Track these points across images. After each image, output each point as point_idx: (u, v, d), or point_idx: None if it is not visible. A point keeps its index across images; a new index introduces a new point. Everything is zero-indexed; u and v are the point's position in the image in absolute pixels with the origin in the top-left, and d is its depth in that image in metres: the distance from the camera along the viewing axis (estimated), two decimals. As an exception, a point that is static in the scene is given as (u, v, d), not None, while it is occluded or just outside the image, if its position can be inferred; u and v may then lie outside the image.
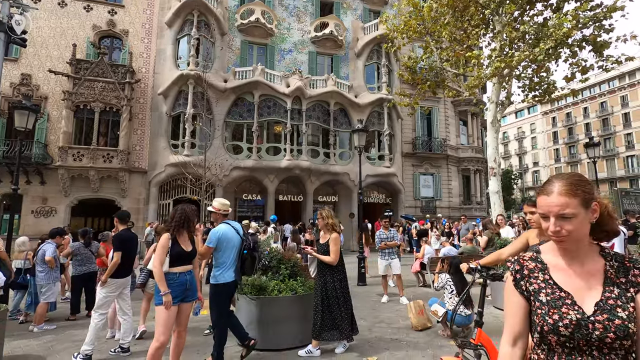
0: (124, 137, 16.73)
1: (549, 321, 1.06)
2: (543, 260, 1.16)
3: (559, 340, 1.05)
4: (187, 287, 3.28)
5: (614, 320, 1.01)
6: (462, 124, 24.78)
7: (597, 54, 8.61)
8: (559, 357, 1.06)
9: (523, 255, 1.20)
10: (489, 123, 9.69)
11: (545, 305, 1.08)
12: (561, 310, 1.05)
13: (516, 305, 1.14)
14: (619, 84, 45.49)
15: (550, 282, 1.11)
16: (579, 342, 1.03)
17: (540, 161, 54.82)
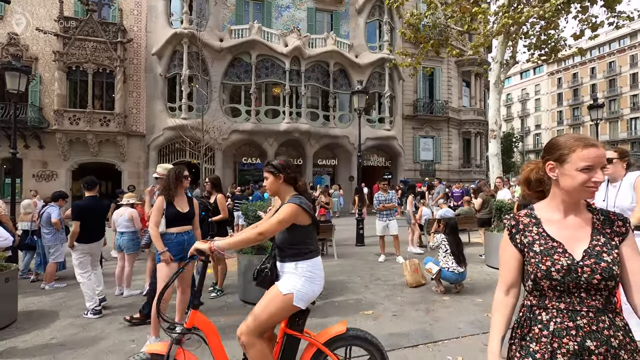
0: (119, 99, 16.43)
1: (542, 268, 1.17)
2: (536, 215, 1.27)
3: (551, 285, 1.16)
4: (185, 246, 3.36)
5: (600, 264, 1.13)
6: (465, 85, 24.21)
7: (609, 9, 8.22)
8: (549, 300, 1.18)
9: (519, 212, 1.31)
10: (492, 84, 9.45)
11: (538, 254, 1.19)
12: (553, 258, 1.17)
13: (511, 256, 1.26)
14: (630, 42, 43.80)
15: (544, 234, 1.23)
16: (568, 285, 1.14)
17: (542, 124, 54.15)
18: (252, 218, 5.11)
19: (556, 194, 1.26)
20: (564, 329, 1.14)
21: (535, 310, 1.20)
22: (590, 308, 1.14)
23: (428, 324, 3.75)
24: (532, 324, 1.19)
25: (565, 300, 1.16)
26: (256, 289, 4.61)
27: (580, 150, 1.17)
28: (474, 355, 3.06)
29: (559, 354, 1.12)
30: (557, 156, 1.22)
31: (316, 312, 4.20)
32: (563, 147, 1.20)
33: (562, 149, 1.20)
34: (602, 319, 1.13)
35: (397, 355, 3.10)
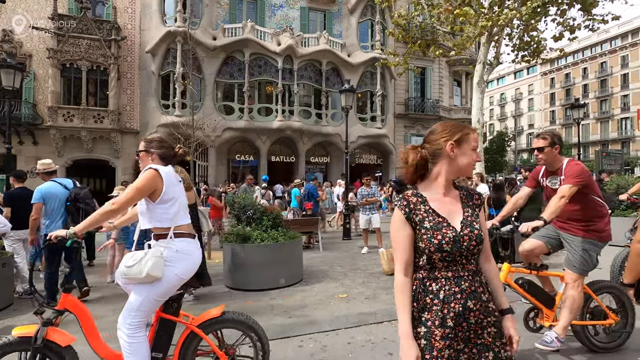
0: (113, 97, 16.60)
1: (434, 242, 1.28)
2: (422, 194, 1.38)
3: (442, 257, 1.28)
4: None
5: (474, 232, 1.32)
6: (456, 85, 24.58)
7: (586, 13, 8.56)
8: (439, 271, 1.30)
9: (407, 193, 1.40)
10: (475, 83, 9.78)
11: (429, 230, 1.30)
12: (442, 232, 1.29)
13: (406, 237, 1.32)
14: (622, 42, 44.44)
15: (430, 211, 1.34)
16: (455, 254, 1.29)
17: (535, 123, 54.74)
18: (238, 209, 5.39)
19: (441, 173, 1.38)
20: (451, 294, 1.26)
21: (426, 282, 1.30)
22: (469, 272, 1.31)
23: (394, 304, 4.06)
24: (425, 295, 1.29)
25: (452, 268, 1.30)
26: (241, 276, 4.92)
27: (472, 134, 1.40)
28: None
29: (448, 317, 1.25)
30: (458, 137, 1.36)
31: (294, 297, 4.51)
32: (460, 130, 1.38)
33: (461, 132, 1.37)
34: (477, 279, 1.33)
35: (363, 330, 3.42)
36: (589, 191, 2.64)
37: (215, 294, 4.66)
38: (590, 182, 2.65)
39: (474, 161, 1.39)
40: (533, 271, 2.72)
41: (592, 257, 2.64)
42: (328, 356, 2.90)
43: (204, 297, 4.48)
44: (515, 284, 2.60)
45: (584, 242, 2.64)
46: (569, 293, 2.61)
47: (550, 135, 2.72)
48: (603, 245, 2.69)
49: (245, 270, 4.82)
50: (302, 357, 2.89)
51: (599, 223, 2.66)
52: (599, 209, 2.68)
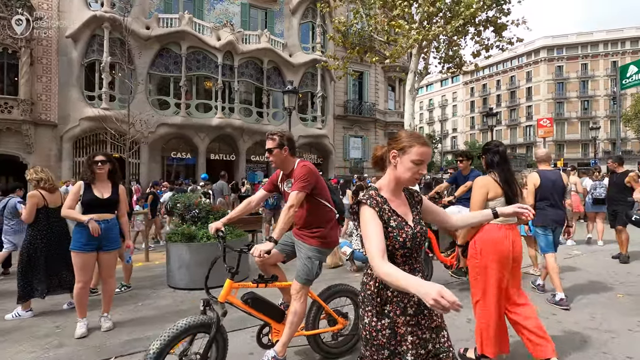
0: (25, 84, 14.72)
1: (399, 239, 1.39)
2: (382, 195, 1.46)
3: (403, 253, 1.41)
4: (102, 235, 3.28)
5: (423, 228, 1.49)
6: (391, 90, 26.22)
7: (497, 35, 9.88)
8: (398, 266, 1.35)
9: (371, 192, 1.46)
10: (407, 91, 10.66)
11: (395, 228, 1.40)
12: (404, 230, 1.41)
13: (379, 226, 1.36)
14: (526, 60, 51.16)
15: (392, 211, 1.44)
16: (411, 250, 1.43)
17: (458, 128, 60.47)
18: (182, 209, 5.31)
19: (392, 177, 1.47)
20: None
21: None
22: (419, 264, 1.48)
23: (338, 294, 4.42)
24: (386, 290, 1.39)
25: (408, 262, 1.44)
26: (186, 275, 4.87)
27: (419, 147, 1.39)
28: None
29: (409, 306, 1.39)
30: (400, 147, 1.42)
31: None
32: (406, 141, 1.41)
33: (405, 142, 1.41)
34: (422, 269, 1.51)
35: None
36: (317, 195, 2.52)
37: (159, 295, 4.57)
38: (319, 185, 2.53)
39: (413, 174, 1.40)
40: (260, 284, 2.47)
41: (315, 265, 2.49)
42: (279, 343, 3.11)
43: (145, 301, 4.38)
44: (239, 300, 2.42)
45: (309, 250, 2.50)
46: (292, 306, 2.48)
47: (279, 136, 2.53)
48: (327, 251, 2.62)
49: (191, 270, 4.79)
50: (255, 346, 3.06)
51: (325, 229, 2.54)
52: (327, 214, 2.58)
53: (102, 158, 3.38)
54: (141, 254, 6.77)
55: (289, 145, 2.56)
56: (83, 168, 3.46)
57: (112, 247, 3.46)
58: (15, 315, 3.79)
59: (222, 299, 2.29)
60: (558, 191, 4.03)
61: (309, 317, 2.66)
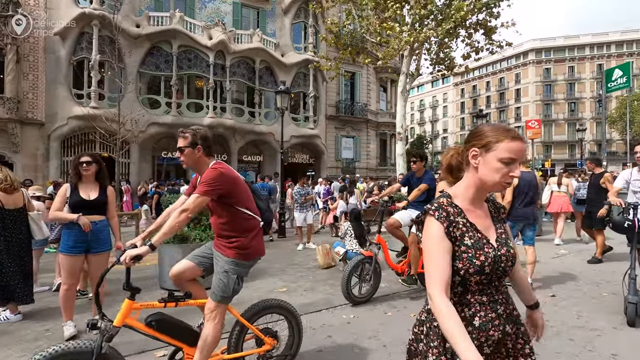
0: (10, 82, 14.42)
1: (476, 263, 1.09)
2: (457, 204, 1.17)
3: (480, 280, 1.11)
4: (90, 237, 3.26)
5: (510, 251, 1.17)
6: (382, 91, 26.37)
7: (487, 37, 10.04)
8: (472, 294, 1.12)
9: (441, 201, 1.17)
10: (399, 92, 10.77)
11: (471, 248, 1.10)
12: (484, 250, 1.11)
13: (446, 251, 1.09)
14: (515, 62, 51.97)
15: (468, 224, 1.14)
16: (491, 276, 1.12)
17: (449, 128, 61.11)
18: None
19: (472, 182, 1.18)
20: (489, 321, 1.10)
21: (457, 307, 1.10)
22: (502, 294, 1.17)
23: (331, 294, 4.46)
24: None
25: (486, 292, 1.13)
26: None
27: (508, 142, 1.10)
28: (362, 314, 3.82)
29: (485, 346, 1.10)
30: (483, 143, 1.13)
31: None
32: (490, 135, 1.13)
33: (489, 137, 1.13)
34: (510, 301, 1.20)
35: (304, 318, 3.65)
36: (232, 201, 2.24)
37: (151, 297, 4.54)
38: (233, 191, 2.24)
39: (502, 177, 1.10)
40: (169, 303, 2.16)
41: (232, 279, 2.21)
42: (273, 344, 3.13)
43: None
44: (142, 324, 2.08)
45: (226, 262, 2.22)
46: (204, 328, 2.21)
47: (192, 134, 2.27)
48: (247, 264, 2.31)
49: (183, 271, 4.77)
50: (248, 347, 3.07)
51: (245, 238, 2.25)
52: (247, 222, 2.29)
53: (88, 159, 3.33)
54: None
55: (203, 145, 2.28)
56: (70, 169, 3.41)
57: (102, 249, 3.42)
58: (4, 318, 3.73)
59: (118, 322, 1.96)
60: (532, 190, 4.64)
61: (231, 339, 2.40)
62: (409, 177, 4.75)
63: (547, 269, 5.69)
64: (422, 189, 4.29)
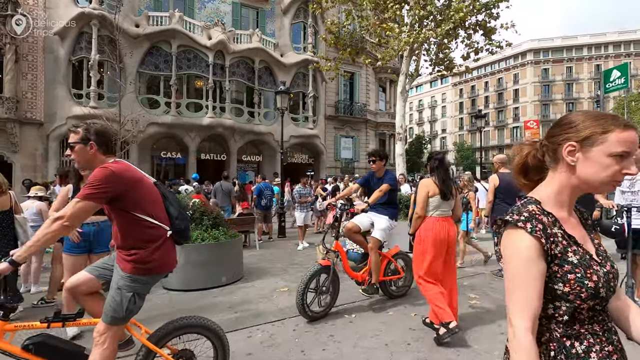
0: (9, 81, 14.40)
1: (589, 285, 0.87)
2: (550, 212, 0.95)
3: (592, 306, 0.89)
4: (92, 238, 3.31)
5: (613, 267, 0.95)
6: (382, 91, 26.41)
7: (487, 38, 10.07)
8: (581, 324, 0.90)
9: (531, 209, 0.93)
10: (399, 93, 10.79)
11: (579, 266, 0.89)
12: (593, 269, 0.89)
13: (540, 273, 0.88)
14: (513, 62, 52.12)
15: (566, 237, 0.93)
16: (605, 301, 0.91)
17: (447, 128, 61.21)
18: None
19: (566, 183, 0.96)
20: (606, 356, 0.90)
21: (566, 341, 0.90)
22: (611, 322, 0.96)
23: (333, 294, 4.47)
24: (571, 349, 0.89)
25: (597, 319, 0.92)
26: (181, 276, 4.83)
27: (620, 132, 0.88)
28: (364, 314, 3.85)
29: None
30: (584, 136, 0.91)
31: (237, 293, 4.65)
32: (592, 126, 0.91)
33: (591, 128, 0.91)
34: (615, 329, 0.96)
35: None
36: (128, 206, 1.91)
37: (153, 296, 4.55)
38: (129, 194, 1.90)
39: (613, 176, 0.90)
40: (55, 324, 1.91)
41: (126, 298, 1.89)
42: (276, 342, 3.16)
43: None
44: (17, 347, 1.79)
45: (121, 277, 1.92)
46: (90, 355, 1.88)
47: (84, 128, 2.02)
48: (147, 280, 1.99)
49: (186, 271, 4.78)
50: (253, 346, 3.10)
51: (145, 250, 1.94)
52: (148, 231, 1.96)
53: None
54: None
55: (97, 141, 1.99)
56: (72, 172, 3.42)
57: (104, 250, 3.45)
58: None
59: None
60: (513, 191, 4.70)
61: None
62: (369, 177, 4.34)
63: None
64: (384, 190, 3.95)
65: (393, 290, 4.33)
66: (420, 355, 2.88)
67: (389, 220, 4.05)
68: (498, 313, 3.80)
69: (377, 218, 4.07)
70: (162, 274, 2.07)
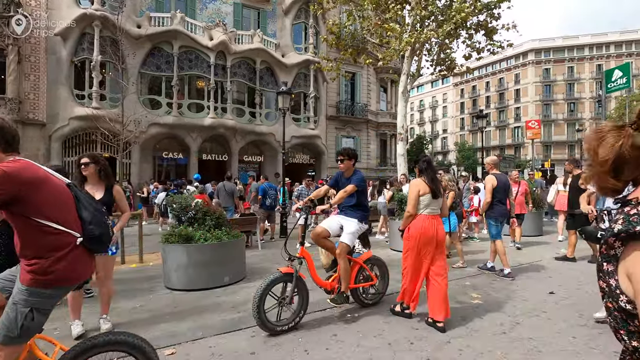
0: (12, 82, 14.46)
1: None
2: None
3: None
4: None
5: None
6: (383, 91, 26.42)
7: (488, 38, 10.08)
8: None
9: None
10: (400, 93, 10.80)
11: None
12: None
13: None
14: (515, 62, 52.06)
15: None
16: None
17: (448, 128, 61.18)
18: (179, 210, 5.31)
19: None
20: None
21: None
22: None
23: (336, 294, 4.48)
24: None
25: None
26: (183, 276, 4.84)
27: None
28: (367, 313, 3.86)
29: None
30: None
31: (240, 293, 4.67)
32: None
33: None
34: None
35: (311, 317, 3.75)
36: (27, 210, 1.69)
37: (156, 296, 4.57)
38: (28, 196, 1.68)
39: None
40: None
41: (21, 314, 1.68)
42: (279, 342, 3.17)
43: (143, 303, 4.38)
44: None
45: (18, 291, 1.73)
46: None
47: None
48: (52, 293, 1.77)
49: (188, 271, 4.81)
50: (256, 346, 3.12)
51: (46, 260, 1.73)
52: (49, 238, 1.75)
53: (86, 160, 3.33)
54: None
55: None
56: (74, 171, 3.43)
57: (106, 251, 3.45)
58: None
59: None
60: (506, 191, 5.25)
61: None
62: (337, 177, 4.09)
63: (548, 268, 5.74)
64: (349, 190, 3.69)
65: (365, 297, 4.05)
66: (424, 355, 2.89)
67: (358, 223, 3.79)
68: (500, 313, 3.81)
69: (345, 221, 3.81)
70: (69, 286, 1.87)
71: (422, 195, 3.52)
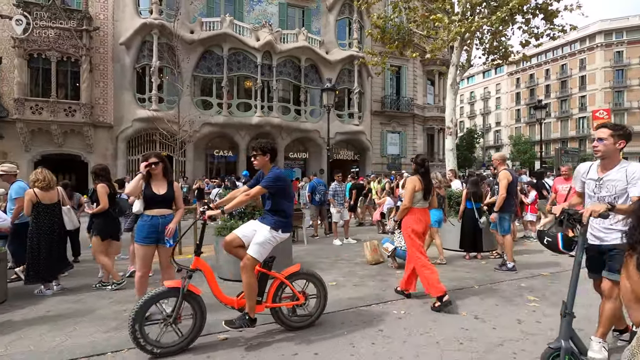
0: (85, 89, 16.07)
1: None
2: None
3: None
4: (160, 229, 3.55)
5: None
6: (430, 84, 25.50)
7: (548, 22, 9.30)
8: None
9: None
10: (449, 85, 10.35)
11: None
12: None
13: None
14: (580, 46, 47.37)
15: None
16: None
17: (502, 121, 57.42)
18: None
19: None
20: None
21: None
22: None
23: (381, 290, 4.48)
24: None
25: None
26: (234, 268, 5.08)
27: None
28: (413, 310, 3.80)
29: None
30: None
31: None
32: None
33: None
34: None
35: (353, 312, 3.79)
36: None
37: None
38: None
39: None
40: None
41: None
42: (325, 336, 3.24)
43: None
44: None
45: None
46: None
47: None
48: None
49: (238, 263, 5.04)
50: (302, 335, 3.22)
51: None
52: None
53: (154, 159, 3.61)
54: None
55: None
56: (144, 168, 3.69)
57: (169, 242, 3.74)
58: (38, 292, 4.53)
59: None
60: (516, 186, 5.77)
61: None
62: (259, 177, 3.47)
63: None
64: (252, 194, 3.12)
65: (289, 319, 3.33)
66: (474, 356, 2.80)
67: (270, 230, 3.14)
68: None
69: (258, 228, 3.23)
70: None
71: (417, 192, 4.02)
